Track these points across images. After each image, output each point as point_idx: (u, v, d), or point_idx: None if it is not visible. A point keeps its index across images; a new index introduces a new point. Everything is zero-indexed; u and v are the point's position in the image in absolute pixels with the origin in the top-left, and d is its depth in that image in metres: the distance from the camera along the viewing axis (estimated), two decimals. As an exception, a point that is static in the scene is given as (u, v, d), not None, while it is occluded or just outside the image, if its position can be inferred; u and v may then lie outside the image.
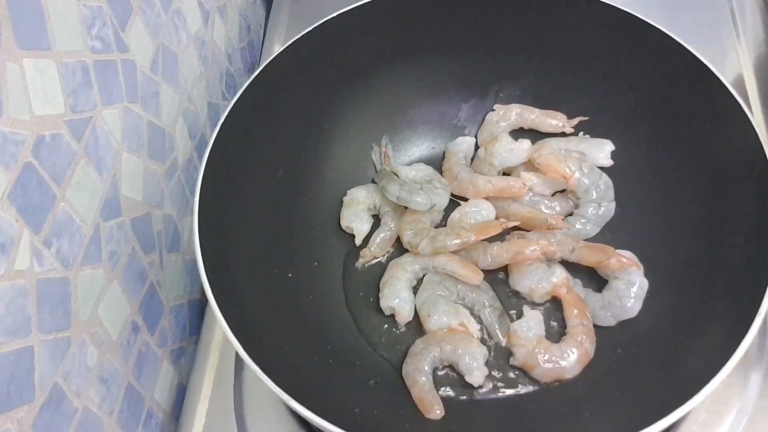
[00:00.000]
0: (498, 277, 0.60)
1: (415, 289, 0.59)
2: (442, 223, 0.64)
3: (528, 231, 0.60)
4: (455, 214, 0.62)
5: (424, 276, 0.60)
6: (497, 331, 0.56)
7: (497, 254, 0.58)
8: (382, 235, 0.62)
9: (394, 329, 0.58)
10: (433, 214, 0.62)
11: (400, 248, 0.62)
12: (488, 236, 0.58)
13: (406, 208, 0.62)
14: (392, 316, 0.58)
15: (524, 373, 0.54)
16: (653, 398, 0.46)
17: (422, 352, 0.54)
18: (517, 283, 0.58)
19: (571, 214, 0.62)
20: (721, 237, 0.53)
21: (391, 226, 0.63)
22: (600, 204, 0.61)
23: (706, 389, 0.42)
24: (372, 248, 0.62)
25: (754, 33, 0.77)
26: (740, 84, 0.72)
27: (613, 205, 0.61)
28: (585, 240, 0.59)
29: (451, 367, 0.55)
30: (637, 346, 0.54)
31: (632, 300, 0.54)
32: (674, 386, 0.45)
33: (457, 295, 0.59)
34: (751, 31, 0.77)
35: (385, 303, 0.58)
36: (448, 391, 0.54)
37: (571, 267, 0.58)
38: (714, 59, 0.56)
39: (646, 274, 0.55)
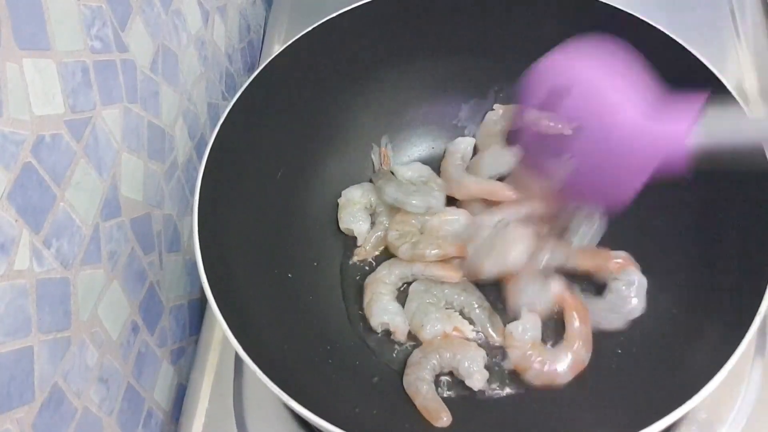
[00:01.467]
0: (497, 284, 0.59)
1: (398, 300, 0.59)
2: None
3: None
4: (434, 221, 0.61)
5: (403, 285, 0.60)
6: (490, 330, 0.56)
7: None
8: (376, 234, 0.62)
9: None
10: (425, 217, 0.62)
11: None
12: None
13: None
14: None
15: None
16: (653, 398, 0.46)
17: (421, 362, 0.54)
18: (517, 301, 0.57)
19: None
20: (721, 237, 0.53)
21: (386, 225, 0.63)
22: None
23: (706, 389, 0.42)
24: (367, 247, 0.62)
25: (754, 33, 0.77)
26: (740, 84, 0.72)
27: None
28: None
29: (450, 372, 0.55)
30: (637, 346, 0.54)
31: (634, 298, 0.54)
32: (674, 386, 0.45)
33: (446, 301, 0.58)
34: (751, 31, 0.77)
35: (375, 321, 0.57)
36: (448, 393, 0.54)
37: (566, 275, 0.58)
38: (714, 59, 0.56)
39: (646, 275, 0.55)
